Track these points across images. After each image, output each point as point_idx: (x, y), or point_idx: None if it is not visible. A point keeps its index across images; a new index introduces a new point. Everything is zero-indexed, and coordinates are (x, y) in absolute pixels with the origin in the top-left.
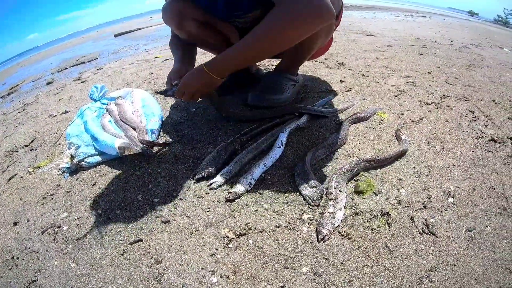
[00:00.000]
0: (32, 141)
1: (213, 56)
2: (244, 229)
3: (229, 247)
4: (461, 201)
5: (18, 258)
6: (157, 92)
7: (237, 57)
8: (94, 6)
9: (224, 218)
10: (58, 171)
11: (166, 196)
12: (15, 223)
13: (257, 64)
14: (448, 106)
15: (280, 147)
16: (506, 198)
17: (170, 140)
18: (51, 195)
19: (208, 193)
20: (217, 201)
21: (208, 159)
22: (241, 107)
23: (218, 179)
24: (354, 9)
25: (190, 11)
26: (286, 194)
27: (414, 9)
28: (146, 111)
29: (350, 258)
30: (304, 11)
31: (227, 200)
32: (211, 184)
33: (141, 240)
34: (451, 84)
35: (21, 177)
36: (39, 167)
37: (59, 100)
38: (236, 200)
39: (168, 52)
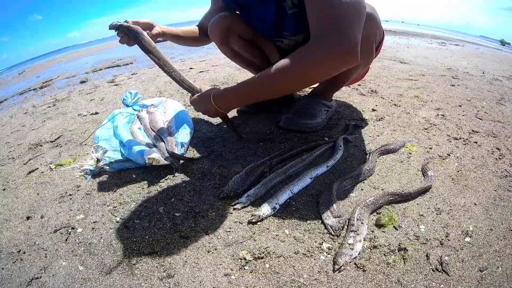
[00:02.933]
0: (58, 138)
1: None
2: (263, 253)
3: (245, 269)
4: (477, 241)
5: (24, 253)
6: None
7: (245, 94)
8: (138, 6)
9: (244, 239)
10: (80, 172)
11: (188, 212)
12: (28, 218)
13: None
14: (476, 143)
15: (311, 178)
16: None
17: (198, 155)
18: (70, 195)
19: (231, 213)
20: (239, 222)
21: (236, 178)
22: (271, 128)
23: (243, 200)
24: (388, 33)
25: (237, 27)
26: (308, 221)
27: (446, 36)
28: (178, 123)
29: None
30: (330, 55)
31: (250, 222)
32: (235, 204)
33: (156, 253)
34: (480, 119)
35: (42, 172)
36: (61, 165)
37: (91, 100)
38: (258, 223)
39: (202, 64)
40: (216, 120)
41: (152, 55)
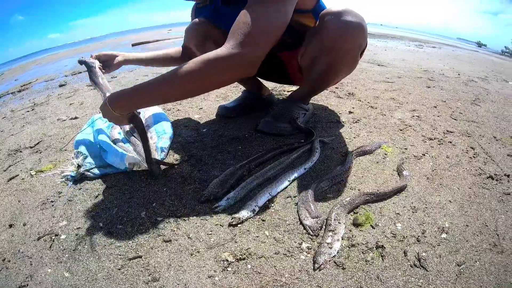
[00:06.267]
0: (37, 143)
1: None
2: (244, 254)
3: (227, 270)
4: (453, 237)
5: (9, 261)
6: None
7: (149, 94)
8: (121, 7)
9: (226, 241)
10: (61, 178)
11: (170, 216)
12: (10, 225)
13: (270, 88)
14: (450, 142)
15: (289, 181)
16: (498, 235)
17: (179, 159)
18: (51, 201)
19: (212, 216)
20: (220, 225)
21: (216, 182)
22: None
23: (223, 203)
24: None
25: (213, 33)
26: (287, 222)
27: (424, 38)
28: (157, 128)
29: (343, 287)
30: (224, 65)
31: (230, 225)
32: (215, 207)
33: (140, 257)
34: (455, 119)
35: (22, 179)
36: (42, 171)
37: (70, 104)
38: (239, 225)
39: None
40: (196, 125)
41: (97, 87)
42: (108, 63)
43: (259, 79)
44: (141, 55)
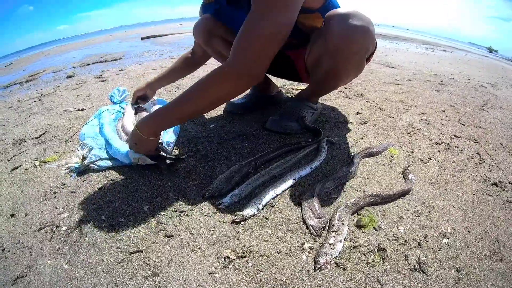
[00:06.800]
0: (43, 134)
1: None
2: (246, 252)
3: (228, 267)
4: (455, 243)
5: (9, 251)
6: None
7: (168, 114)
8: (128, 1)
9: (228, 239)
10: (65, 169)
11: (173, 211)
12: (12, 215)
13: (278, 86)
14: (457, 147)
15: (294, 180)
16: (498, 242)
17: (184, 154)
18: (54, 192)
19: (216, 212)
20: (223, 222)
21: (221, 178)
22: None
23: (227, 200)
24: (378, 37)
25: (219, 30)
26: (291, 221)
27: (435, 41)
28: None
29: None
30: (225, 77)
31: (233, 222)
32: (219, 203)
33: (141, 251)
34: (463, 125)
35: (26, 169)
36: (46, 162)
37: (77, 96)
38: (242, 223)
39: None
40: (203, 120)
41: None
42: (145, 96)
43: (269, 76)
44: (160, 76)
